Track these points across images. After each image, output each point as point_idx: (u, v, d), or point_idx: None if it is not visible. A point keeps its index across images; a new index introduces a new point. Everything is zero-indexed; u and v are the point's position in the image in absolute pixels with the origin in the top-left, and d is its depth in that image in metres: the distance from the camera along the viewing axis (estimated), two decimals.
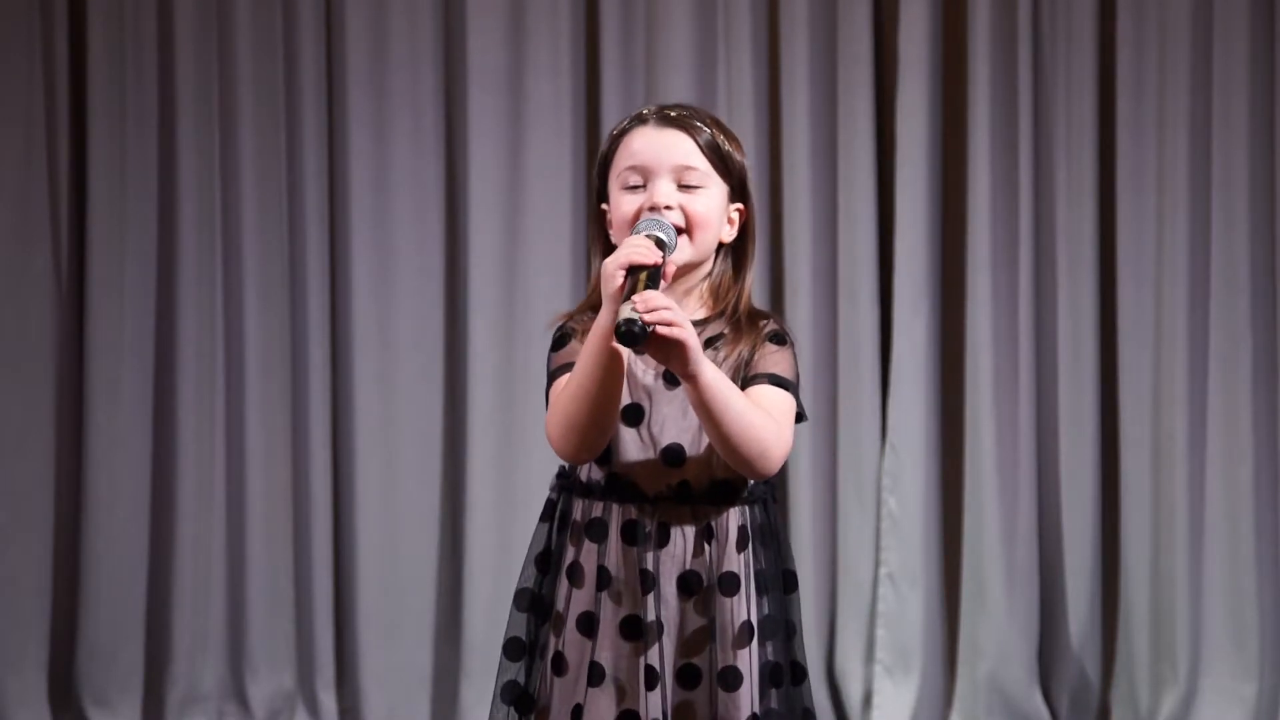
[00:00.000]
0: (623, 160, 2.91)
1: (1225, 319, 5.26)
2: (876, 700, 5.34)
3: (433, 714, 5.42)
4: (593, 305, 2.87)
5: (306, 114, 5.38)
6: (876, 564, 5.36)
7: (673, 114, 2.92)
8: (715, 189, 2.91)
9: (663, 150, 2.89)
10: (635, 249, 2.76)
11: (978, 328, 5.33)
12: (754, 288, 5.46)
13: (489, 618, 5.36)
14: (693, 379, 2.75)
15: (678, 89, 5.32)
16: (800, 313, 5.35)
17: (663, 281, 2.79)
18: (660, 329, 2.69)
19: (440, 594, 5.43)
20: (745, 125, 5.32)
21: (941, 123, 5.38)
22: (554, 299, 5.39)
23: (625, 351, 2.76)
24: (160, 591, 5.39)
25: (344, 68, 5.39)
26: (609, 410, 2.80)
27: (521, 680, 2.90)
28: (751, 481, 2.90)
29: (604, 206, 2.95)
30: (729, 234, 2.95)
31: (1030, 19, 5.31)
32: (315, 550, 5.38)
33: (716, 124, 2.94)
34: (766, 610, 2.87)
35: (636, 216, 2.86)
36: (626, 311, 2.70)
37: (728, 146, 2.92)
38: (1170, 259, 5.27)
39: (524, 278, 5.40)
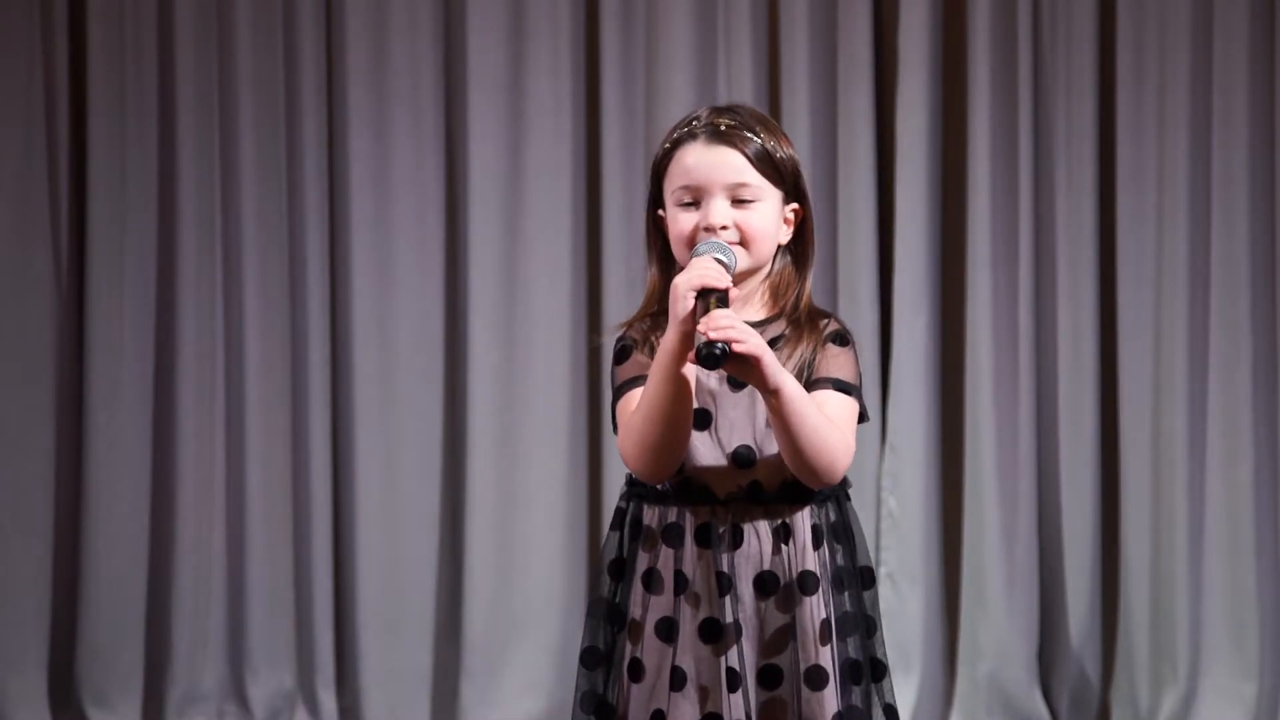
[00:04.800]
0: (676, 177, 2.89)
1: (1225, 319, 5.26)
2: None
3: (433, 714, 5.42)
4: (650, 314, 2.88)
5: (306, 114, 5.37)
6: (876, 564, 5.35)
7: (722, 127, 2.90)
8: (769, 198, 2.90)
9: (714, 169, 2.87)
10: (707, 271, 2.76)
11: (978, 327, 5.33)
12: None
13: (489, 617, 5.37)
14: (774, 393, 2.76)
15: (678, 89, 5.32)
16: None
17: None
18: (735, 346, 2.70)
19: (440, 594, 5.43)
20: None
21: (941, 122, 5.37)
22: (554, 299, 5.39)
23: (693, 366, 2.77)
24: (160, 591, 5.39)
25: (344, 68, 5.39)
26: (683, 429, 2.80)
27: (600, 689, 2.90)
28: None
29: (660, 212, 2.94)
30: (786, 235, 2.94)
31: (1030, 19, 5.31)
32: (315, 550, 5.38)
33: (766, 127, 2.92)
34: (846, 607, 2.89)
35: (693, 235, 2.86)
36: (701, 336, 2.71)
37: (779, 152, 2.92)
38: (1170, 259, 5.27)
39: (524, 277, 5.40)
